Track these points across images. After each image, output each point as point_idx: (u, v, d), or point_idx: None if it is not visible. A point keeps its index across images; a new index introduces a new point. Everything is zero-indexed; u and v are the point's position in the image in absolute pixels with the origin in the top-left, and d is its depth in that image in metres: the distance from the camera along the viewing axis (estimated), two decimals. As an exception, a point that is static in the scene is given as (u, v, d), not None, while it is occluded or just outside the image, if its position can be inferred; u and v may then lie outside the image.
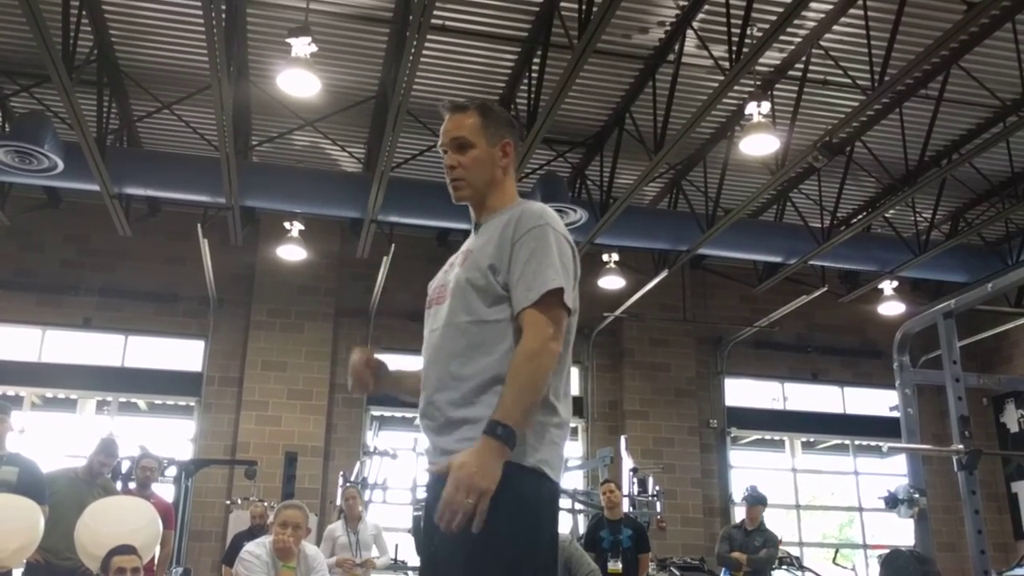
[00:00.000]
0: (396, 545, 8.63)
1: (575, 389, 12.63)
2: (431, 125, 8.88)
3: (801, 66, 8.48)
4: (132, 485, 7.08)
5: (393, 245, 10.46)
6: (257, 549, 4.78)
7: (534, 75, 8.28)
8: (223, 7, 7.07)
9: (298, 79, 7.36)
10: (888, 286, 12.02)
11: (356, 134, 10.13)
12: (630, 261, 11.72)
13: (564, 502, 9.62)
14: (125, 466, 7.64)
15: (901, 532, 10.27)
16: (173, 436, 11.58)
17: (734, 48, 7.39)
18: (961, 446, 3.69)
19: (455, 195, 2.33)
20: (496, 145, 2.31)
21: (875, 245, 11.34)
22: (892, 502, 3.89)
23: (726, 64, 7.53)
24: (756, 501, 8.56)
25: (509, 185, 2.35)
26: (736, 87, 7.84)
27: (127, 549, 4.76)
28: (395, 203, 9.60)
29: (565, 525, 9.69)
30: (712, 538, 10.65)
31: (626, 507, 8.90)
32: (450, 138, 2.31)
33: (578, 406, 12.57)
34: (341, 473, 9.70)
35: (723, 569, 8.67)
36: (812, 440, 13.70)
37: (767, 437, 13.51)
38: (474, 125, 2.29)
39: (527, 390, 2.00)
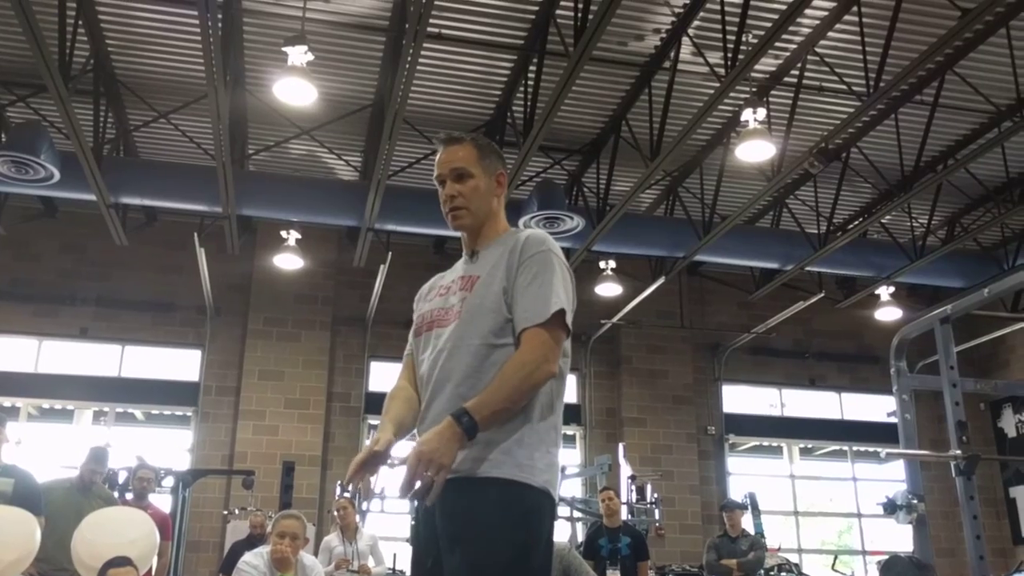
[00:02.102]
0: (395, 555, 8.61)
1: (572, 397, 12.62)
2: (428, 133, 8.90)
3: (796, 72, 8.50)
4: (129, 496, 7.06)
5: (390, 253, 10.46)
6: (255, 559, 4.77)
7: (530, 83, 8.29)
8: (219, 16, 7.08)
9: (294, 88, 7.35)
10: (885, 292, 12.02)
11: (353, 142, 10.13)
12: (627, 268, 11.72)
13: (562, 510, 9.60)
14: (122, 477, 7.61)
15: (900, 538, 10.24)
16: (170, 446, 11.55)
17: (729, 55, 7.41)
18: (959, 451, 3.68)
19: (454, 223, 2.39)
20: (492, 176, 2.40)
21: (871, 251, 11.35)
22: (890, 508, 3.88)
23: (722, 71, 7.54)
24: (735, 507, 8.59)
25: (502, 215, 2.44)
26: (732, 94, 7.85)
27: (123, 561, 4.72)
28: (392, 211, 9.60)
29: (564, 533, 9.67)
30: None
31: (625, 515, 8.88)
32: (450, 168, 2.37)
33: (576, 413, 12.57)
34: (338, 483, 9.68)
35: None
36: (810, 446, 13.70)
37: (765, 443, 13.51)
38: (472, 157, 2.37)
39: (506, 397, 2.09)
